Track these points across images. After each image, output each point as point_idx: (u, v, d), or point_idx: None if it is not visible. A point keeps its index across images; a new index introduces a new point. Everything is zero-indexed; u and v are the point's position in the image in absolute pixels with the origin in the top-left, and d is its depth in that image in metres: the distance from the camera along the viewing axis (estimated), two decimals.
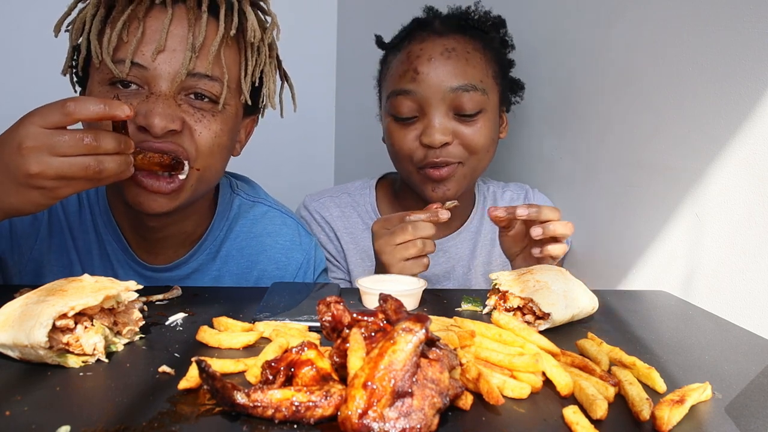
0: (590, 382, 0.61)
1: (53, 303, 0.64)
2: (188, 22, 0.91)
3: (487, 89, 1.25)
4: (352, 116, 2.62)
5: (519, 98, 1.52)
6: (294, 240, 1.20)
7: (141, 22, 0.89)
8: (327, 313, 0.59)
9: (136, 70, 0.90)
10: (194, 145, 0.94)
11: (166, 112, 0.89)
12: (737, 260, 1.01)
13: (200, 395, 0.57)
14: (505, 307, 0.86)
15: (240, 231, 1.16)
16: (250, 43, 0.96)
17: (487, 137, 1.26)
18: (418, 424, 0.49)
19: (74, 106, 0.76)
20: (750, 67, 0.99)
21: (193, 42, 0.90)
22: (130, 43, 0.89)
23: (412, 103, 1.24)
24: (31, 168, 0.75)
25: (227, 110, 0.98)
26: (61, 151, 0.76)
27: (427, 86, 1.22)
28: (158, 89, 0.90)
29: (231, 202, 1.17)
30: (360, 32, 1.50)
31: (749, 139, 1.00)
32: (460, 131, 1.23)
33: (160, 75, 0.90)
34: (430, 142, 1.21)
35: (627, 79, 1.30)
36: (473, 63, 1.25)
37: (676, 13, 1.15)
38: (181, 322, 0.80)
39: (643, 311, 0.97)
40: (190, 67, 0.90)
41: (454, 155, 1.24)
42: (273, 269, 1.17)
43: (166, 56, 0.90)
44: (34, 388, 0.59)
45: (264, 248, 1.17)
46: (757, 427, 0.57)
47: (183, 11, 0.91)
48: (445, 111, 1.23)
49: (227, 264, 1.14)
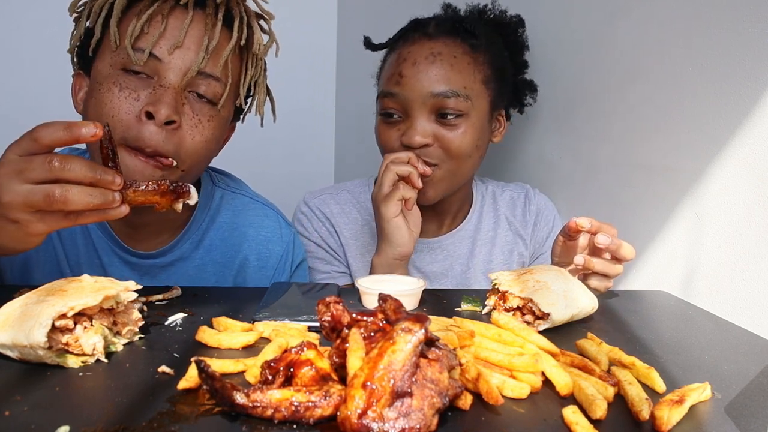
0: (590, 382, 0.61)
1: (53, 303, 0.64)
2: (205, 26, 0.99)
3: (471, 95, 1.25)
4: (352, 115, 2.62)
5: (532, 100, 1.52)
6: (275, 231, 1.24)
7: (165, 19, 0.96)
8: (326, 313, 0.59)
9: (151, 60, 0.96)
10: (184, 148, 0.98)
11: (173, 104, 0.95)
12: (737, 260, 1.01)
13: (200, 395, 0.57)
14: (505, 307, 0.86)
15: (223, 221, 1.20)
16: (254, 54, 1.06)
17: (469, 143, 1.25)
18: (418, 424, 0.49)
19: (41, 131, 0.73)
20: (750, 67, 0.99)
21: (207, 44, 0.98)
22: (150, 35, 0.95)
23: (396, 105, 1.26)
24: (2, 196, 0.72)
25: (221, 114, 1.04)
26: (29, 176, 0.72)
27: (410, 90, 1.24)
28: (167, 81, 0.96)
29: (212, 194, 1.21)
30: (360, 32, 1.49)
31: (749, 139, 1.00)
32: (441, 134, 1.24)
33: (172, 68, 0.96)
34: (408, 143, 1.23)
35: (627, 79, 1.30)
36: (458, 68, 1.25)
37: (676, 14, 1.15)
38: (181, 322, 0.80)
39: (643, 311, 0.97)
40: (201, 66, 0.97)
41: (432, 156, 1.24)
42: (254, 259, 1.21)
43: (181, 52, 0.97)
44: (34, 388, 0.59)
45: (246, 238, 1.21)
46: (756, 427, 0.57)
47: (201, 16, 0.99)
48: (427, 114, 1.24)
49: (210, 253, 1.17)
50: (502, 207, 1.46)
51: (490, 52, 1.32)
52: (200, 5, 1.00)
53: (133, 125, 0.94)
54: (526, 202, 1.47)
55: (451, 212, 1.42)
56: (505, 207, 1.46)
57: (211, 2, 1.01)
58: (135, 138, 0.94)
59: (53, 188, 0.71)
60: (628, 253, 0.99)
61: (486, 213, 1.45)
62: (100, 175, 0.74)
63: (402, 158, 1.18)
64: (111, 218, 0.77)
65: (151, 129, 0.94)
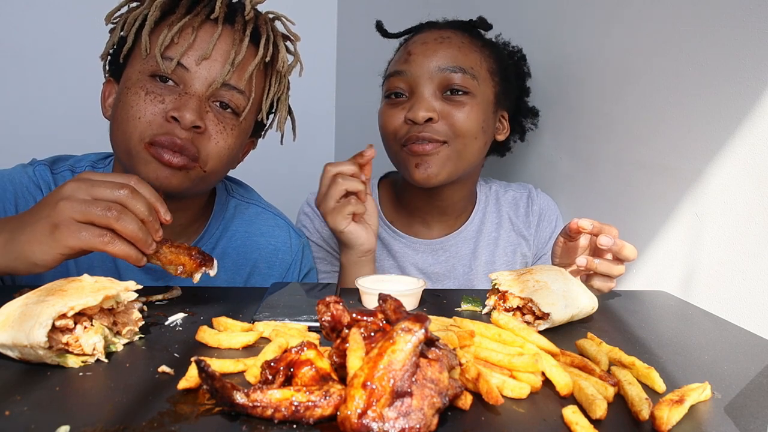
0: (590, 382, 0.61)
1: (53, 303, 0.64)
2: (233, 40, 1.04)
3: (478, 77, 1.27)
4: (352, 115, 2.62)
5: (533, 126, 1.53)
6: (285, 241, 1.27)
7: (195, 31, 1.02)
8: (326, 313, 0.59)
9: (179, 69, 1.01)
10: (208, 150, 1.03)
11: (197, 110, 1.00)
12: (737, 260, 1.01)
13: (200, 395, 0.57)
14: (505, 307, 0.86)
15: (236, 230, 1.23)
16: (278, 71, 1.11)
17: (475, 122, 1.26)
18: (418, 424, 0.49)
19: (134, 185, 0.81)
20: (750, 67, 0.99)
21: (234, 58, 1.03)
22: (180, 46, 1.01)
23: (403, 83, 1.28)
24: (66, 193, 0.78)
25: (243, 125, 1.09)
26: (97, 192, 0.78)
27: (418, 65, 1.26)
28: (193, 90, 1.01)
29: (227, 203, 1.25)
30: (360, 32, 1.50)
31: (749, 138, 1.00)
32: (447, 110, 1.25)
33: (198, 78, 1.02)
34: (413, 116, 1.23)
35: (627, 79, 1.30)
36: (466, 51, 1.27)
37: (676, 13, 1.15)
38: (181, 322, 0.80)
39: (643, 311, 0.97)
40: (226, 78, 1.02)
41: (438, 132, 1.24)
42: (264, 267, 1.25)
43: (208, 64, 1.02)
44: (34, 388, 0.59)
45: (257, 247, 1.24)
46: (756, 426, 0.57)
47: (230, 31, 1.05)
48: (433, 90, 1.25)
49: (223, 260, 1.20)
50: (505, 207, 1.46)
51: (497, 52, 1.35)
52: (229, 21, 1.05)
53: (162, 124, 0.99)
54: (529, 203, 1.47)
55: (455, 213, 1.42)
56: (508, 207, 1.46)
57: (240, 19, 1.06)
58: (165, 132, 0.98)
59: (116, 205, 0.78)
60: (631, 253, 0.99)
61: (489, 214, 1.45)
62: (152, 220, 0.81)
63: (347, 171, 1.12)
64: (132, 261, 0.80)
65: (178, 129, 0.99)
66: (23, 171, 1.09)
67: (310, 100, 2.57)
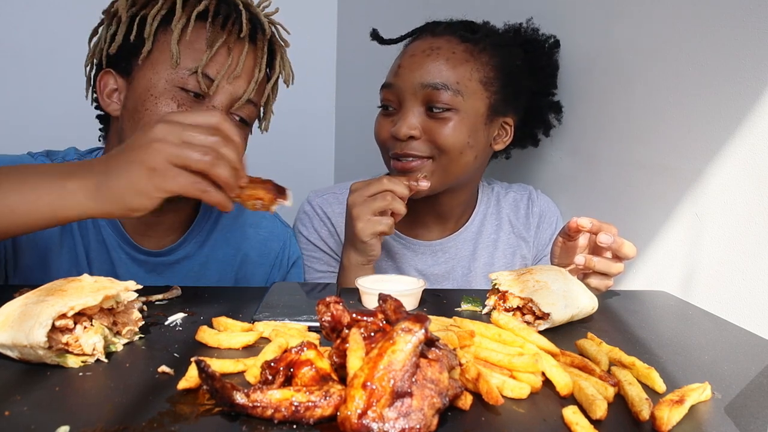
0: (590, 382, 0.61)
1: (52, 303, 0.64)
2: (255, 58, 1.09)
3: (464, 92, 1.24)
4: (352, 115, 2.62)
5: (557, 121, 1.52)
6: (272, 231, 1.31)
7: (231, 53, 1.05)
8: (326, 313, 0.59)
9: (207, 82, 1.03)
10: None
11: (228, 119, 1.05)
12: (737, 260, 1.02)
13: (200, 395, 0.57)
14: (505, 307, 0.86)
15: (226, 222, 1.26)
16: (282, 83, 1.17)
17: (458, 138, 1.24)
18: (418, 425, 0.49)
19: None
20: (750, 67, 0.99)
21: (257, 76, 1.08)
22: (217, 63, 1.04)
23: (392, 96, 1.28)
24: (155, 132, 0.76)
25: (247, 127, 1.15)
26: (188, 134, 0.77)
27: (404, 80, 1.26)
28: (218, 103, 1.05)
29: None
30: (360, 32, 1.50)
31: (749, 138, 1.00)
32: (430, 127, 1.24)
33: (224, 93, 1.05)
34: (395, 133, 1.24)
35: (627, 79, 1.30)
36: (454, 63, 1.25)
37: (677, 13, 1.15)
38: (181, 322, 0.80)
39: (643, 311, 0.97)
40: (250, 95, 1.08)
41: (420, 150, 1.24)
42: (255, 256, 1.28)
43: (236, 81, 1.06)
44: (34, 388, 0.59)
45: (246, 237, 1.28)
46: (756, 427, 0.57)
47: (253, 49, 1.09)
48: (418, 106, 1.25)
49: (214, 251, 1.23)
50: (505, 209, 1.46)
51: (499, 57, 1.30)
52: (252, 39, 1.09)
53: None
54: (529, 204, 1.46)
55: (454, 216, 1.41)
56: (508, 209, 1.46)
57: (260, 36, 1.09)
58: None
59: (211, 150, 0.78)
60: (630, 251, 0.99)
61: (489, 216, 1.44)
62: (240, 167, 0.82)
63: (399, 193, 1.13)
64: (222, 207, 0.82)
65: None
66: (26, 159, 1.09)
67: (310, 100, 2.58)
